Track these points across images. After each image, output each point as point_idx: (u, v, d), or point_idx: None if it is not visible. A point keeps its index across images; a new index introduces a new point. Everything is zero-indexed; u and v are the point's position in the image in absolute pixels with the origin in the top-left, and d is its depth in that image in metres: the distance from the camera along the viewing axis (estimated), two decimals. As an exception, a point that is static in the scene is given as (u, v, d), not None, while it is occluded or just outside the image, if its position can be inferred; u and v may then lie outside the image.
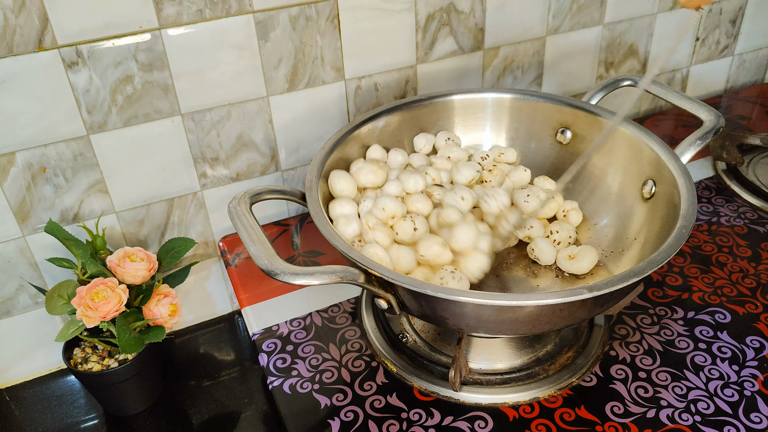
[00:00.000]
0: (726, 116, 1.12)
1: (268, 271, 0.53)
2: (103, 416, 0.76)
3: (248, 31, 0.75)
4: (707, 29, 1.11)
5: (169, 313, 0.71)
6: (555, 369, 0.67)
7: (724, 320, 0.72)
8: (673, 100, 0.74)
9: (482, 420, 0.63)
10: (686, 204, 0.61)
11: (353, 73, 0.85)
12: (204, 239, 0.87)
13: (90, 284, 0.67)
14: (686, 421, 0.62)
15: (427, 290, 0.53)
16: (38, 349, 0.82)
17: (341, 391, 0.66)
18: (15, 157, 0.70)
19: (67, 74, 0.69)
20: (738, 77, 1.22)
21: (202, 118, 0.78)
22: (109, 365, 0.71)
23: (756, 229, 0.86)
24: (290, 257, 0.84)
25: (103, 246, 0.73)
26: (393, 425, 0.63)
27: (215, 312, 0.90)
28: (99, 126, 0.73)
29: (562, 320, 0.58)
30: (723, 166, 0.98)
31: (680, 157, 0.68)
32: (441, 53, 0.89)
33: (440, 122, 0.80)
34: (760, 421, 0.61)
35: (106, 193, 0.77)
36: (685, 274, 0.79)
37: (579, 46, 0.99)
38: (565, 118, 0.77)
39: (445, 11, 0.86)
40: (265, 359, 0.71)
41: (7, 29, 0.64)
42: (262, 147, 0.84)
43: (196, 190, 0.82)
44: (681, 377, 0.66)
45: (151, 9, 0.69)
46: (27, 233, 0.75)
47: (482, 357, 0.68)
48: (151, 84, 0.73)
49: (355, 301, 0.77)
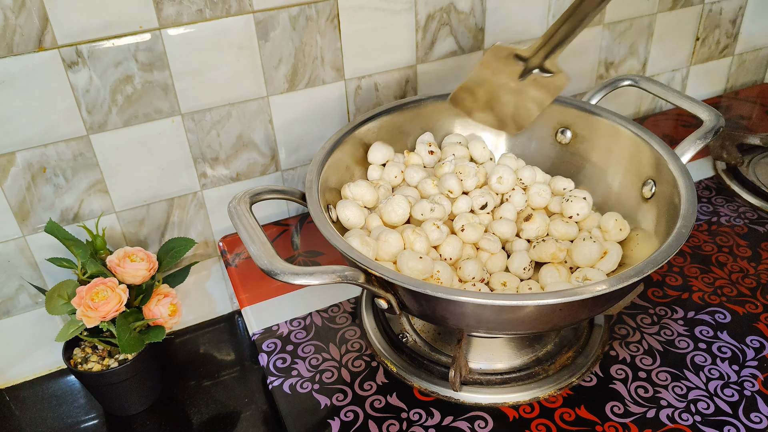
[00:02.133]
0: (726, 116, 1.12)
1: (268, 271, 0.53)
2: (103, 416, 0.76)
3: (248, 31, 0.75)
4: (707, 29, 1.11)
5: (169, 313, 0.71)
6: (555, 369, 0.67)
7: (724, 320, 0.72)
8: (673, 100, 0.74)
9: (482, 420, 0.63)
10: (686, 204, 0.61)
11: (353, 73, 0.85)
12: (204, 239, 0.87)
13: (90, 284, 0.67)
14: (686, 421, 0.62)
15: (427, 290, 0.53)
16: (38, 349, 0.82)
17: (341, 391, 0.66)
18: (15, 157, 0.70)
19: (67, 74, 0.69)
20: (738, 77, 1.22)
21: (202, 118, 0.78)
22: (109, 365, 0.71)
23: (756, 229, 0.86)
24: (290, 257, 0.84)
25: (103, 246, 0.73)
26: (393, 425, 0.63)
27: (215, 312, 0.90)
28: (99, 126, 0.73)
29: (562, 320, 0.58)
30: (723, 166, 0.98)
31: (680, 157, 0.67)
32: (441, 53, 0.89)
33: (440, 122, 0.80)
34: (760, 421, 0.61)
35: (106, 193, 0.77)
36: (685, 274, 0.79)
37: (579, 46, 0.99)
38: (565, 118, 0.77)
39: (445, 11, 0.86)
40: (265, 359, 0.71)
41: (7, 29, 0.64)
42: (262, 147, 0.84)
43: (196, 190, 0.82)
44: (681, 377, 0.66)
45: (151, 9, 0.69)
46: (27, 233, 0.75)
47: (482, 357, 0.68)
48: (151, 84, 0.73)
49: (355, 301, 0.77)
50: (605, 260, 0.65)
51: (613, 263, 0.65)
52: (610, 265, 0.65)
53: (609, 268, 0.65)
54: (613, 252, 0.65)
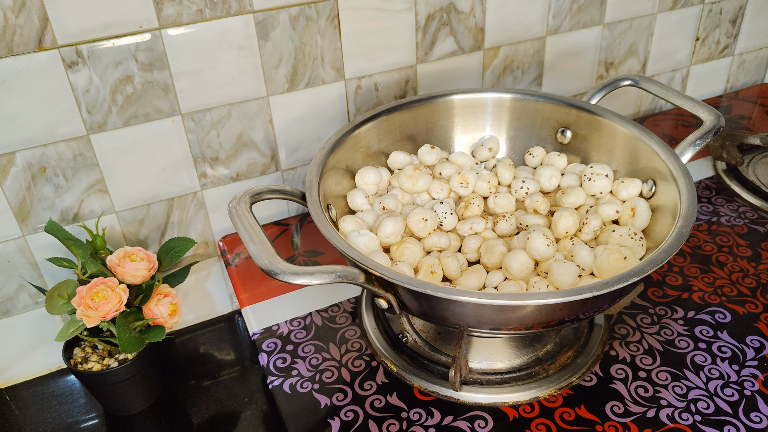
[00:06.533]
0: (726, 116, 1.12)
1: (268, 271, 0.53)
2: (103, 416, 0.76)
3: (248, 31, 0.75)
4: (707, 29, 1.11)
5: (169, 312, 0.71)
6: (555, 369, 0.67)
7: (724, 320, 0.72)
8: (673, 100, 0.74)
9: (482, 420, 0.63)
10: (686, 204, 0.61)
11: (353, 73, 0.85)
12: (204, 239, 0.87)
13: (90, 284, 0.67)
14: (686, 420, 0.62)
15: (427, 290, 0.53)
16: (38, 349, 0.82)
17: (341, 390, 0.66)
18: (15, 156, 0.70)
19: (67, 74, 0.69)
20: (738, 77, 1.22)
21: (202, 118, 0.78)
22: (109, 365, 0.71)
23: (756, 229, 0.86)
24: (290, 257, 0.84)
25: (103, 246, 0.73)
26: (393, 425, 0.63)
27: (215, 312, 0.90)
28: (99, 126, 0.73)
29: (561, 320, 0.58)
30: (723, 166, 0.98)
31: (680, 157, 0.67)
32: (441, 53, 0.89)
33: (440, 122, 0.80)
34: (760, 420, 0.61)
35: (106, 193, 0.77)
36: (685, 273, 0.79)
37: (579, 46, 0.99)
38: (565, 118, 0.77)
39: (445, 11, 0.86)
40: (265, 359, 0.71)
41: (7, 29, 0.64)
42: (262, 147, 0.84)
43: (196, 189, 0.82)
44: (681, 377, 0.66)
45: (151, 9, 0.70)
46: (27, 233, 0.75)
47: (482, 357, 0.68)
48: (151, 84, 0.73)
49: (355, 301, 0.77)
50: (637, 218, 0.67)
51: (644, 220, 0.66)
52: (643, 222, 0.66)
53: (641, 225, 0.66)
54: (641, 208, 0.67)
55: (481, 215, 0.72)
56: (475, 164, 0.77)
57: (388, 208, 0.70)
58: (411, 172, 0.72)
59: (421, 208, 0.68)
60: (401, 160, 0.75)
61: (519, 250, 0.64)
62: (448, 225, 0.70)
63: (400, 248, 0.65)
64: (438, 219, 0.69)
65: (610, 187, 0.70)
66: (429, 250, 0.68)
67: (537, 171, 0.75)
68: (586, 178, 0.71)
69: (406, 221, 0.67)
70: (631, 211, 0.67)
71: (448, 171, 0.75)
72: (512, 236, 0.69)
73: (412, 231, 0.67)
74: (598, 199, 0.71)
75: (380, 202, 0.71)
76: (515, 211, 0.72)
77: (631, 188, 0.69)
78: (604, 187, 0.70)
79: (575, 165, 0.76)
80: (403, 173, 0.73)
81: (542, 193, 0.74)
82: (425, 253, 0.67)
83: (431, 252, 0.67)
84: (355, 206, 0.71)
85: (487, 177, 0.73)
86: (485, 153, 0.79)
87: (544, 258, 0.63)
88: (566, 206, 0.70)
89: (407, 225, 0.67)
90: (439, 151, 0.77)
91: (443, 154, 0.78)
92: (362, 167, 0.73)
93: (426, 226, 0.67)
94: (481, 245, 0.67)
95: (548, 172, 0.73)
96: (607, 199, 0.70)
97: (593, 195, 0.71)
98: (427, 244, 0.67)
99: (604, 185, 0.70)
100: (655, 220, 0.66)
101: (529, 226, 0.68)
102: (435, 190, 0.73)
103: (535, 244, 0.63)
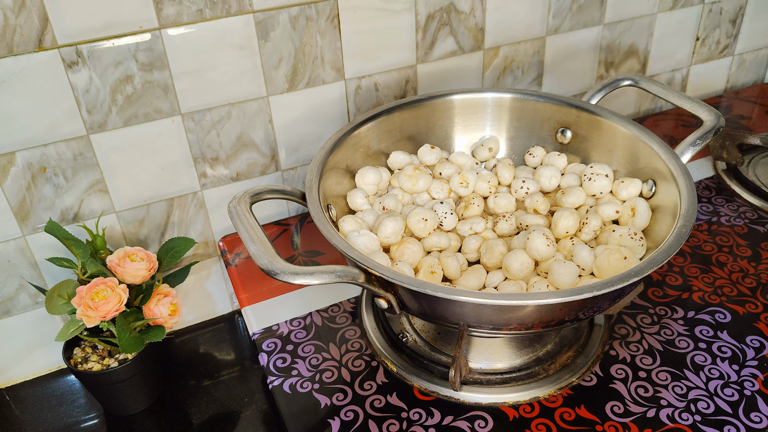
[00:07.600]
0: (726, 116, 1.12)
1: (268, 271, 0.53)
2: (103, 416, 0.76)
3: (248, 31, 0.75)
4: (707, 29, 1.11)
5: (169, 312, 0.71)
6: (555, 369, 0.67)
7: (724, 320, 0.73)
8: (673, 100, 0.74)
9: (482, 420, 0.63)
10: (686, 204, 0.61)
11: (353, 73, 0.85)
12: (204, 239, 0.87)
13: (90, 284, 0.67)
14: (686, 420, 0.62)
15: (427, 290, 0.53)
16: (38, 349, 0.82)
17: (341, 390, 0.66)
18: (15, 156, 0.70)
19: (67, 74, 0.69)
20: (738, 77, 1.22)
21: (202, 118, 0.78)
22: (109, 365, 0.71)
23: (756, 228, 0.86)
24: (290, 257, 0.84)
25: (103, 246, 0.73)
26: (393, 425, 0.63)
27: (215, 312, 0.90)
28: (99, 126, 0.73)
29: (561, 319, 0.58)
30: (723, 166, 0.98)
31: (680, 157, 0.67)
32: (441, 53, 0.89)
33: (440, 122, 0.80)
34: (760, 420, 0.61)
35: (106, 193, 0.77)
36: (685, 273, 0.79)
37: (579, 46, 0.99)
38: (565, 118, 0.77)
39: (445, 11, 0.86)
40: (265, 359, 0.71)
41: (7, 29, 0.64)
42: (262, 147, 0.84)
43: (196, 189, 0.83)
44: (681, 377, 0.66)
45: (151, 9, 0.70)
46: (27, 233, 0.75)
47: (482, 357, 0.68)
48: (151, 84, 0.73)
49: (355, 301, 0.77)
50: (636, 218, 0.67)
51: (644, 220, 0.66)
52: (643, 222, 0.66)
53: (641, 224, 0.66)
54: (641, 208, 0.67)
55: (481, 215, 0.72)
56: (475, 164, 0.77)
57: (388, 208, 0.70)
58: (411, 172, 0.72)
59: (421, 208, 0.68)
60: (401, 160, 0.75)
61: (519, 250, 0.64)
62: (448, 225, 0.70)
63: (400, 248, 0.65)
64: (438, 219, 0.69)
65: (610, 187, 0.70)
66: (429, 250, 0.68)
67: (537, 171, 0.75)
68: (586, 178, 0.71)
69: (406, 221, 0.67)
70: (631, 211, 0.67)
71: (448, 171, 0.75)
72: (512, 236, 0.69)
73: (412, 231, 0.67)
74: (598, 199, 0.71)
75: (380, 202, 0.71)
76: (515, 211, 0.72)
77: (631, 188, 0.69)
78: (604, 187, 0.70)
79: (575, 165, 0.76)
80: (403, 173, 0.73)
81: (542, 193, 0.74)
82: (425, 253, 0.67)
83: (431, 252, 0.67)
84: (355, 206, 0.71)
85: (487, 177, 0.73)
86: (485, 153, 0.79)
87: (544, 258, 0.63)
88: (566, 206, 0.70)
89: (407, 225, 0.67)
90: (439, 151, 0.77)
91: (443, 154, 0.78)
92: (362, 167, 0.73)
93: (426, 226, 0.67)
94: (481, 245, 0.67)
95: (548, 172, 0.73)
96: (607, 199, 0.70)
97: (593, 195, 0.71)
98: (427, 244, 0.67)
99: (604, 185, 0.70)
100: (655, 220, 0.66)
101: (529, 226, 0.68)
102: (435, 190, 0.73)
103: (535, 244, 0.63)
